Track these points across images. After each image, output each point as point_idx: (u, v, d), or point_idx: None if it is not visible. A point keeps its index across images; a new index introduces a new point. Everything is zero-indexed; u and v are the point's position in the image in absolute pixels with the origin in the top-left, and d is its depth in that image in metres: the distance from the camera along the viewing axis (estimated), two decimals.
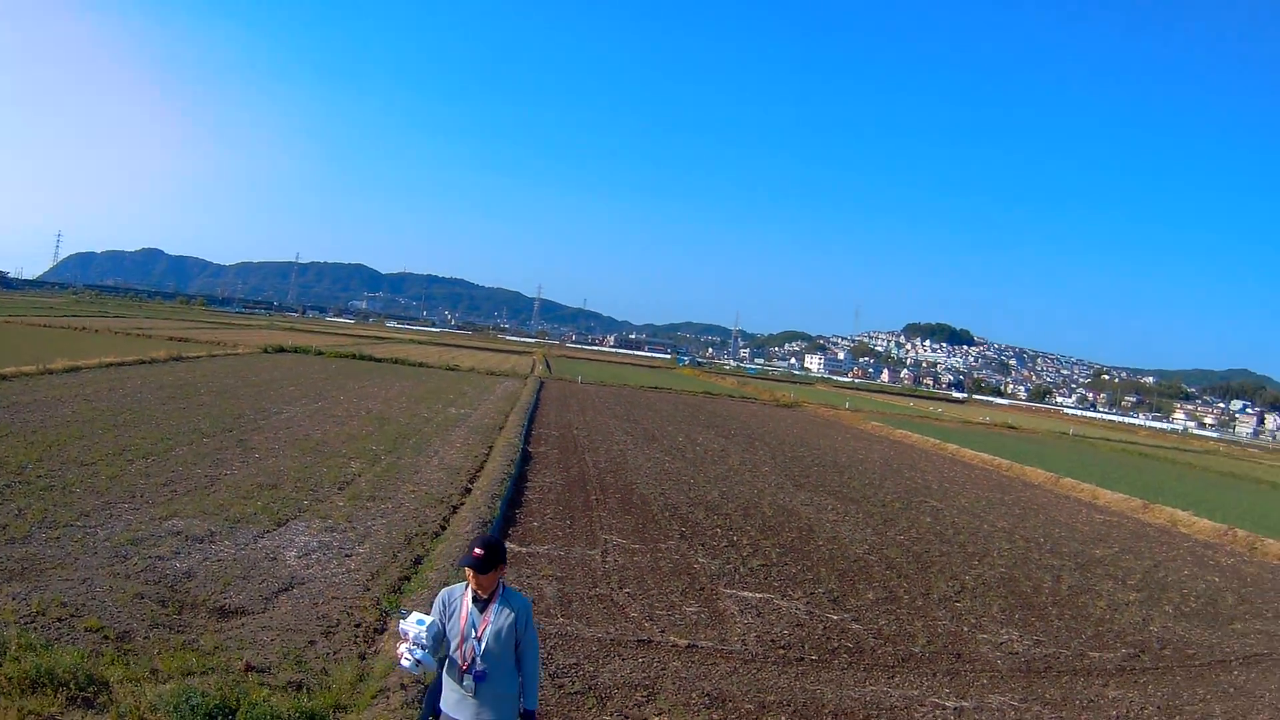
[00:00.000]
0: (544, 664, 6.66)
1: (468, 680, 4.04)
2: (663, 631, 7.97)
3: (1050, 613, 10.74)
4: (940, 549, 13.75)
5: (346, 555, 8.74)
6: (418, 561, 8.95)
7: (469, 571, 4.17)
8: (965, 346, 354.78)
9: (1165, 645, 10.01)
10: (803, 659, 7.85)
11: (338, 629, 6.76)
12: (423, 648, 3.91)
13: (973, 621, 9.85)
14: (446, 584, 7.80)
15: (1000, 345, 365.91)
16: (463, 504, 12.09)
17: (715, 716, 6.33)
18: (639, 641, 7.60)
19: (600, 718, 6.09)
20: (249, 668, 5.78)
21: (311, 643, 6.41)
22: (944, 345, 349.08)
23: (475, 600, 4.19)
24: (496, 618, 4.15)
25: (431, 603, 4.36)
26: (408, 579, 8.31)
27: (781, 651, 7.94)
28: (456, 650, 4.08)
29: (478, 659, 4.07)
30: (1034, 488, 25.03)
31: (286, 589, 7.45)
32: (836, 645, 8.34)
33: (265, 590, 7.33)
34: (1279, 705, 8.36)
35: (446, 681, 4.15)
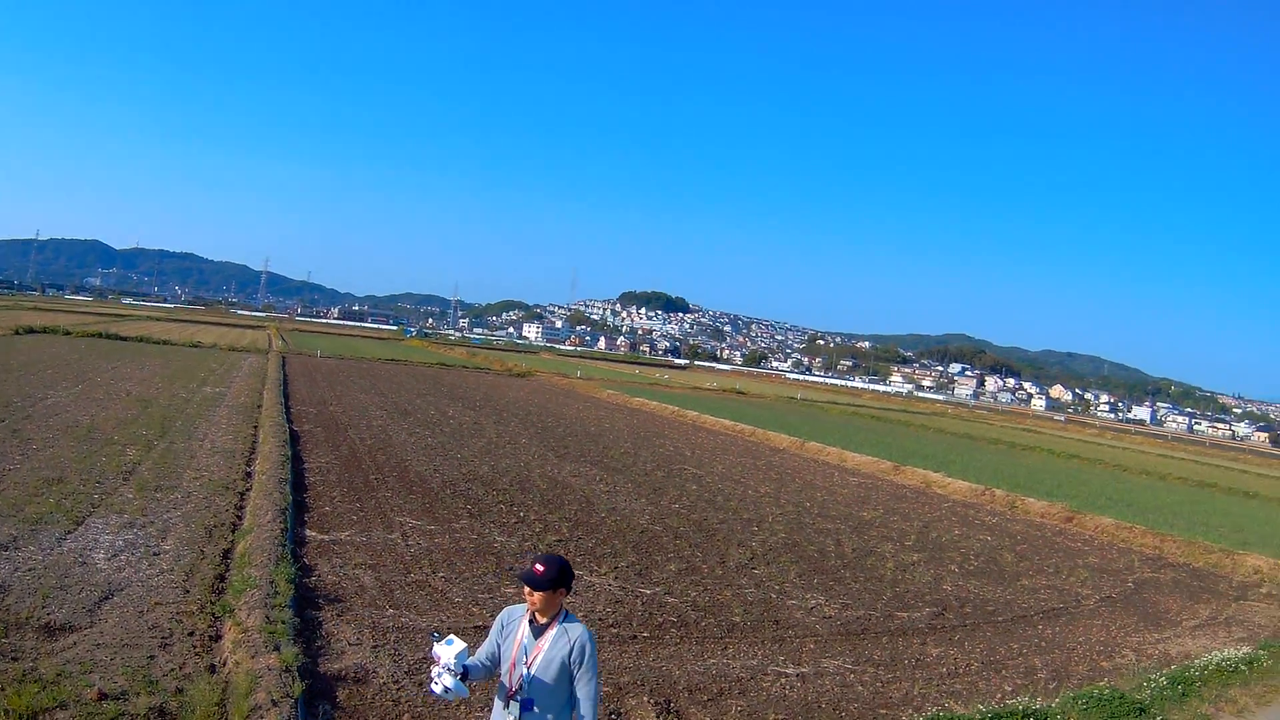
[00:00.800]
0: (396, 660, 6.77)
1: (514, 706, 3.88)
2: (492, 616, 8.41)
3: (845, 576, 11.64)
4: (717, 516, 14.73)
5: (155, 554, 8.35)
6: (226, 556, 8.82)
7: (526, 589, 3.91)
8: (680, 314, 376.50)
9: (964, 604, 11.04)
10: (635, 636, 8.12)
11: (173, 640, 6.55)
12: (454, 674, 3.75)
13: (777, 589, 10.55)
14: (269, 580, 7.92)
15: (715, 312, 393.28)
16: (249, 489, 11.79)
17: None
18: (476, 628, 7.65)
19: (461, 713, 6.17)
20: (102, 696, 5.52)
21: (152, 658, 6.14)
22: (659, 313, 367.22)
23: (532, 624, 3.96)
24: (550, 647, 3.91)
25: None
26: (223, 577, 8.15)
27: (613, 630, 8.24)
28: (506, 675, 3.93)
29: (525, 687, 3.88)
30: (781, 452, 26.97)
31: (107, 597, 7.08)
32: (661, 620, 8.76)
33: (86, 601, 6.91)
34: (1092, 657, 9.47)
35: (496, 702, 4.02)
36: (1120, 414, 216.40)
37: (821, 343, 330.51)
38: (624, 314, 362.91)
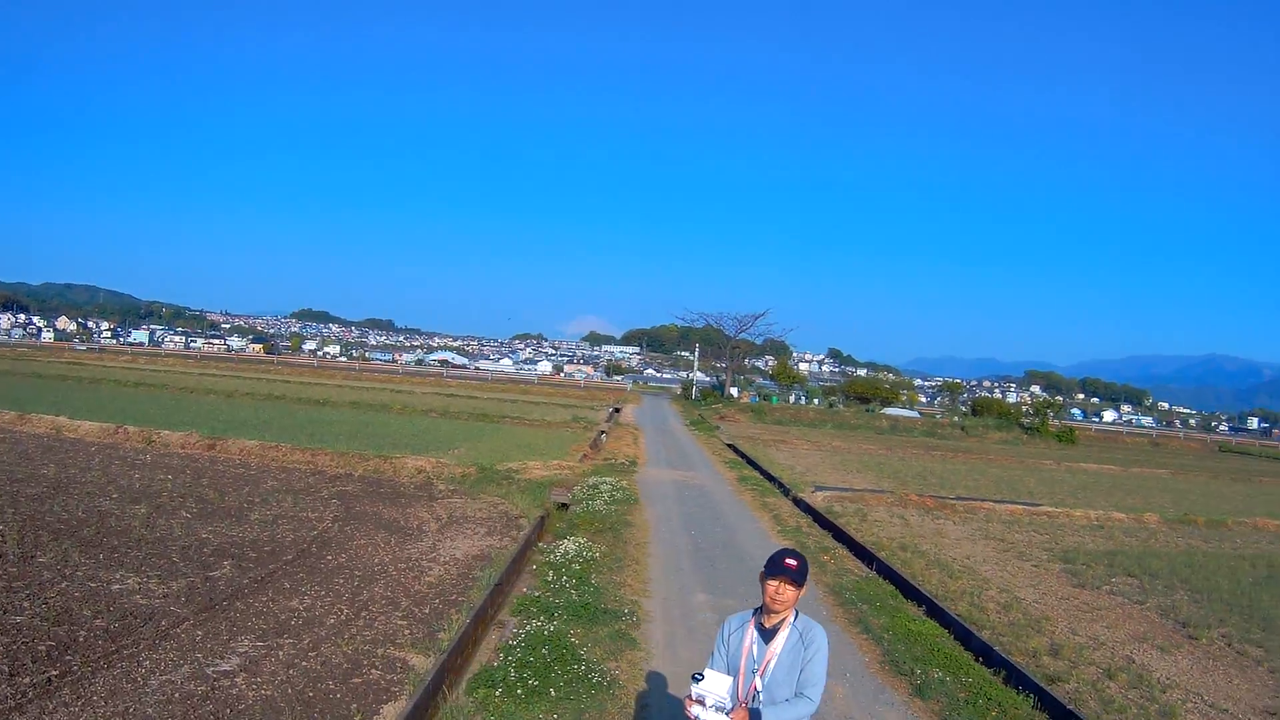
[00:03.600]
0: None
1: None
2: None
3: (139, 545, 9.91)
4: None
5: None
6: None
7: (770, 588, 3.78)
8: None
9: (249, 549, 10.48)
10: None
11: None
12: (725, 712, 3.54)
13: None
14: None
15: None
16: None
17: None
18: None
19: None
20: None
21: None
22: None
23: (760, 629, 3.85)
24: (783, 648, 3.79)
25: None
26: None
27: None
28: (735, 684, 3.74)
29: (758, 695, 3.73)
30: None
31: None
32: None
33: None
34: (400, 573, 9.78)
35: (715, 664, 3.89)
36: (121, 338, 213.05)
37: None
38: None
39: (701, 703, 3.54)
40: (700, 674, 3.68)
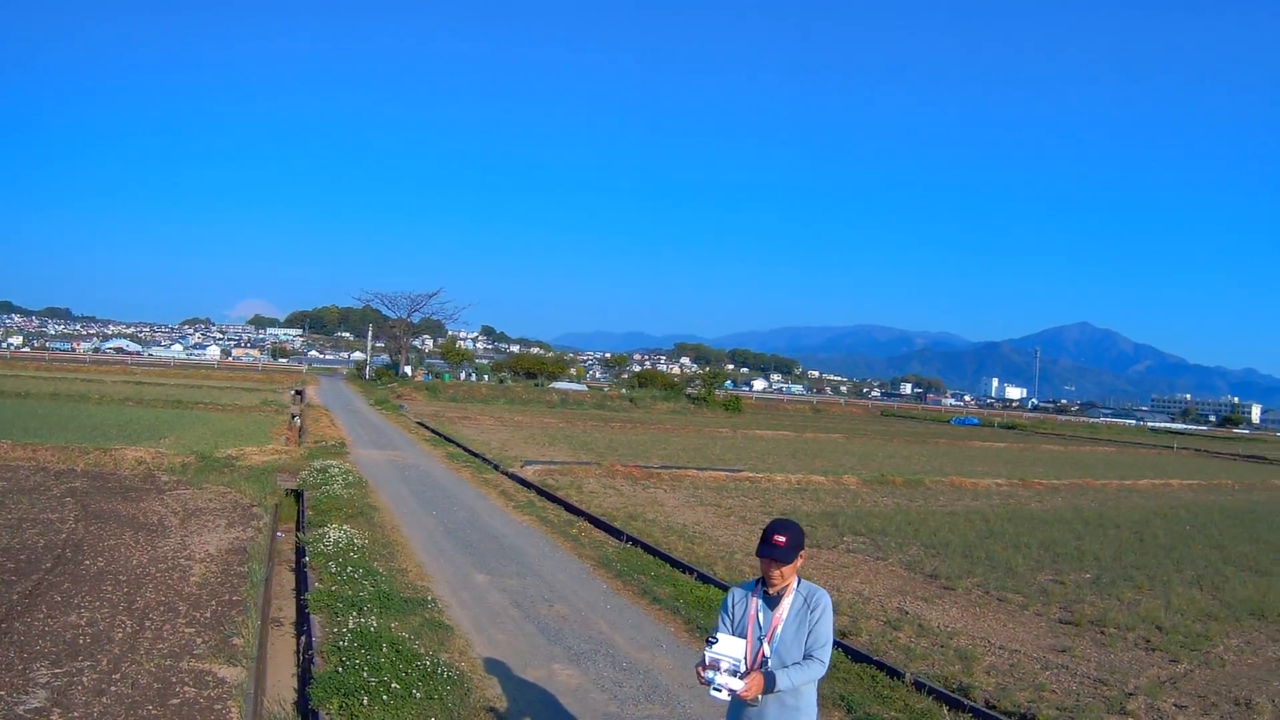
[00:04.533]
0: None
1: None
2: None
3: None
4: None
5: None
6: None
7: (763, 566, 3.80)
8: None
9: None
10: None
11: None
12: (740, 675, 3.57)
13: None
14: None
15: None
16: None
17: None
18: None
19: None
20: None
21: None
22: None
23: (764, 597, 3.85)
24: (789, 613, 3.80)
25: None
26: None
27: None
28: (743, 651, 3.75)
29: (766, 660, 3.74)
30: None
31: None
32: None
33: None
34: (204, 555, 8.70)
35: (721, 628, 3.88)
36: None
37: None
38: None
39: (716, 667, 3.57)
40: (714, 638, 3.72)
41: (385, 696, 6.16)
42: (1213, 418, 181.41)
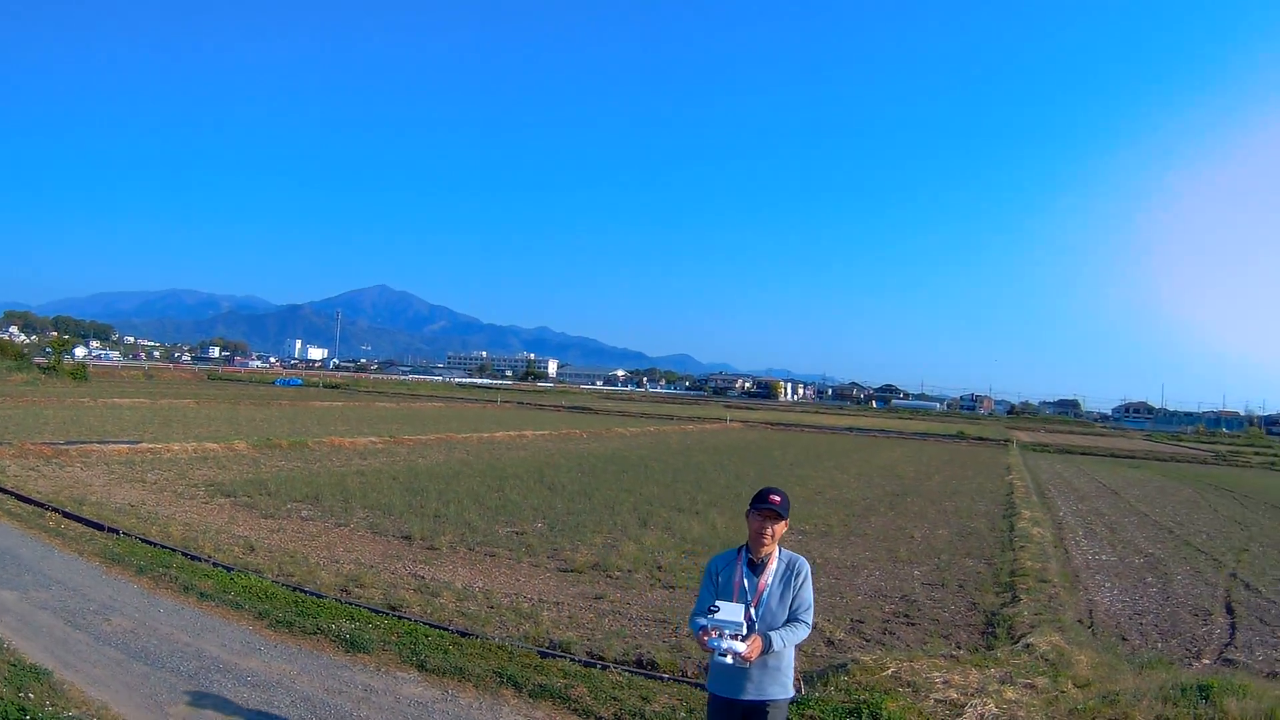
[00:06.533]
0: None
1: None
2: None
3: None
4: None
5: None
6: None
7: (755, 524, 3.89)
8: None
9: None
10: None
11: None
12: (742, 639, 3.70)
13: None
14: None
15: None
16: None
17: None
18: None
19: None
20: None
21: None
22: None
23: (748, 564, 3.95)
24: (773, 579, 3.90)
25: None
26: None
27: None
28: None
29: (753, 624, 3.82)
30: None
31: None
32: None
33: None
34: None
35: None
36: None
37: None
38: None
39: (719, 632, 3.66)
40: (716, 605, 3.76)
41: None
42: (509, 373, 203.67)
